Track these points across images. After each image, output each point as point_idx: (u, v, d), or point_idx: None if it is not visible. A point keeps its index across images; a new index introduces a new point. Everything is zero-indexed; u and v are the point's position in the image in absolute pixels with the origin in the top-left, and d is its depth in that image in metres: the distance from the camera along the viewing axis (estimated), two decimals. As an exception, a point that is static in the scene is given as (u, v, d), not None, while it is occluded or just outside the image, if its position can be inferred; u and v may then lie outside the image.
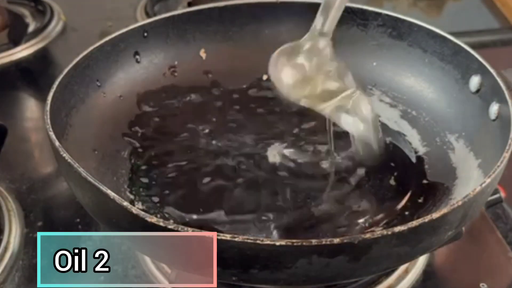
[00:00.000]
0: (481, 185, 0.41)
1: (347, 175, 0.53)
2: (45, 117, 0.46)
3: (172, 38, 0.61)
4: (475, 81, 0.53)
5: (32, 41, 0.82)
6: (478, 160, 0.50)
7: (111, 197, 0.39)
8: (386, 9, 0.61)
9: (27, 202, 0.58)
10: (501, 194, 0.54)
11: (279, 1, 0.62)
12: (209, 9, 0.62)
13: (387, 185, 0.52)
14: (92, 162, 0.51)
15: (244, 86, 0.63)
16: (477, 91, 0.53)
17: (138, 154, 0.55)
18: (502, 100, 0.49)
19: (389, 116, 0.59)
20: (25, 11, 0.89)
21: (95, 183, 0.40)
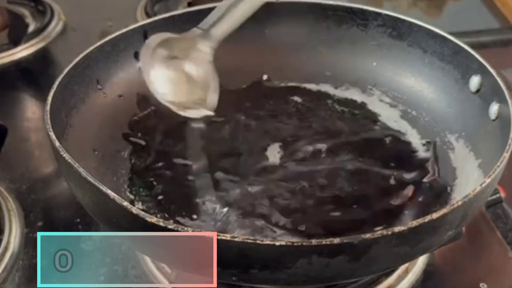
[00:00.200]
0: (481, 185, 0.41)
1: (347, 175, 0.53)
2: (45, 117, 0.46)
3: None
4: (475, 81, 0.53)
5: (32, 41, 0.82)
6: (478, 160, 0.50)
7: (111, 197, 0.39)
8: (386, 9, 0.61)
9: (27, 202, 0.58)
10: (501, 194, 0.54)
11: (279, 1, 0.62)
12: (209, 9, 0.61)
13: (387, 185, 0.52)
14: (92, 162, 0.51)
15: (244, 86, 0.63)
16: (477, 91, 0.53)
17: (138, 154, 0.55)
18: (502, 100, 0.49)
19: (389, 116, 0.59)
20: (25, 11, 0.89)
21: (95, 183, 0.40)
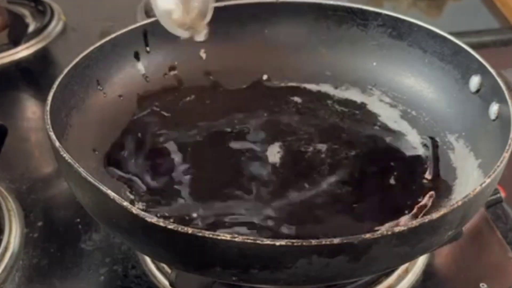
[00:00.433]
0: (481, 185, 0.41)
1: (346, 175, 0.53)
2: (45, 117, 0.46)
3: (172, 38, 0.61)
4: (475, 81, 0.53)
5: (32, 41, 0.82)
6: (478, 160, 0.50)
7: (111, 197, 0.39)
8: (386, 9, 0.61)
9: (27, 202, 0.58)
10: (501, 194, 0.54)
11: (279, 1, 0.62)
12: (209, 9, 0.62)
13: (387, 185, 0.52)
14: (92, 162, 0.51)
15: (244, 86, 0.63)
16: (477, 91, 0.53)
17: (138, 154, 0.55)
18: (502, 100, 0.49)
19: (389, 116, 0.59)
20: (25, 11, 0.89)
21: (95, 183, 0.40)
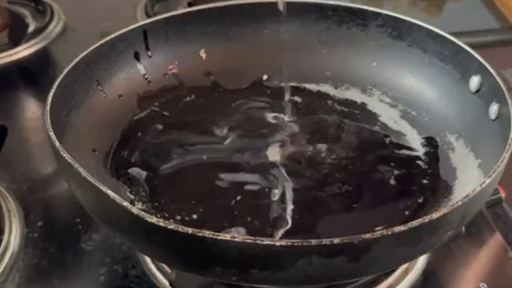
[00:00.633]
0: (481, 185, 0.41)
1: (346, 175, 0.53)
2: (45, 117, 0.46)
3: (172, 38, 0.61)
4: (475, 81, 0.53)
5: (32, 41, 0.82)
6: (478, 160, 0.50)
7: (111, 197, 0.39)
8: (386, 9, 0.61)
9: (27, 202, 0.58)
10: (501, 194, 0.54)
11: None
12: (209, 9, 0.62)
13: (387, 185, 0.52)
14: (92, 162, 0.51)
15: (244, 86, 0.63)
16: (477, 91, 0.53)
17: (138, 154, 0.55)
18: (502, 100, 0.49)
19: (389, 116, 0.59)
20: (25, 11, 0.89)
21: (95, 183, 0.40)
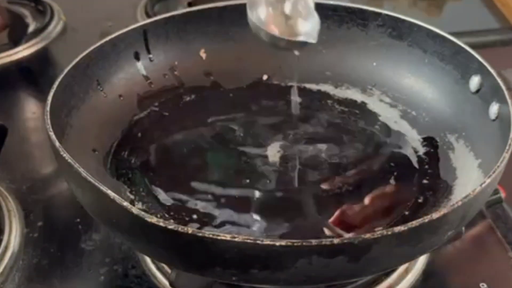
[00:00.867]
0: (481, 185, 0.41)
1: (346, 175, 0.53)
2: (45, 117, 0.46)
3: (172, 38, 0.61)
4: (475, 81, 0.53)
5: (32, 41, 0.82)
6: (478, 160, 0.50)
7: (111, 197, 0.39)
8: (386, 9, 0.61)
9: (27, 202, 0.58)
10: (501, 194, 0.54)
11: (279, 1, 0.62)
12: (209, 9, 0.62)
13: (387, 185, 0.52)
14: (92, 162, 0.51)
15: (244, 86, 0.63)
16: (477, 91, 0.53)
17: (138, 154, 0.55)
18: (502, 100, 0.49)
19: (389, 116, 0.59)
20: (25, 11, 0.89)
21: (95, 183, 0.40)
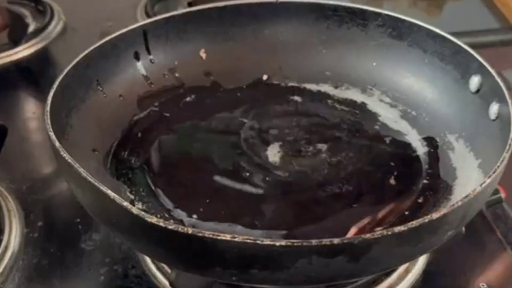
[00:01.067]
0: (481, 185, 0.41)
1: (347, 175, 0.53)
2: (45, 117, 0.46)
3: (172, 38, 0.61)
4: (475, 81, 0.53)
5: (32, 41, 0.82)
6: (478, 160, 0.50)
7: (111, 197, 0.39)
8: (386, 9, 0.61)
9: (27, 202, 0.58)
10: (501, 194, 0.54)
11: (279, 1, 0.62)
12: (209, 9, 0.62)
13: (387, 185, 0.52)
14: (92, 162, 0.51)
15: (244, 86, 0.63)
16: (477, 91, 0.53)
17: (138, 154, 0.55)
18: (502, 100, 0.49)
19: (389, 116, 0.59)
20: (25, 11, 0.89)
21: (95, 183, 0.40)
